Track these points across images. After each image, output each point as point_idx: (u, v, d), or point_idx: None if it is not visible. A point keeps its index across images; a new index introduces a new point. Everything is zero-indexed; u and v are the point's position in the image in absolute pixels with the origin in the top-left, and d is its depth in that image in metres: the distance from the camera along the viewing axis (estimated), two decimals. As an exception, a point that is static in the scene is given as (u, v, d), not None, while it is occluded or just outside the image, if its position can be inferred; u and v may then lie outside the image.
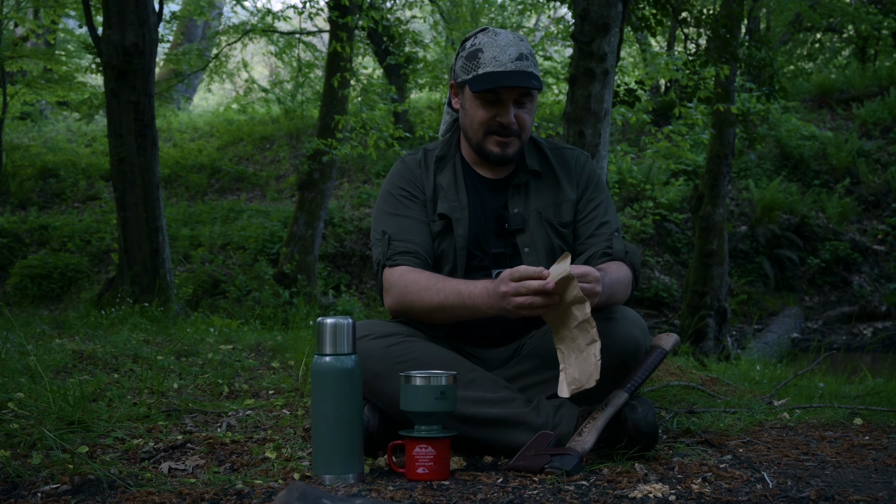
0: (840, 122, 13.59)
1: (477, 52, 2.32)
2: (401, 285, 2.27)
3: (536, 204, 2.41)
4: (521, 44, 2.33)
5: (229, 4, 15.14)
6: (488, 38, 2.33)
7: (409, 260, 2.30)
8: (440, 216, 2.38)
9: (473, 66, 2.32)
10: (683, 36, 7.26)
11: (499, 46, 2.31)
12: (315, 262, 10.31)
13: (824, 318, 10.50)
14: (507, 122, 2.33)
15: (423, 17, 14.23)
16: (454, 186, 2.42)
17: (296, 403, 2.81)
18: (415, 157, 2.48)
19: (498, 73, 2.28)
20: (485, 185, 2.45)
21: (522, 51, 2.31)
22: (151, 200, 6.62)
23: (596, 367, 2.03)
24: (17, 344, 3.43)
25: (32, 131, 15.83)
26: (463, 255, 2.36)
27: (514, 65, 2.29)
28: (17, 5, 12.29)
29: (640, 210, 11.65)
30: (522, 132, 2.37)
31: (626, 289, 2.30)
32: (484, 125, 2.35)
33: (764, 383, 3.63)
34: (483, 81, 2.29)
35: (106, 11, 6.59)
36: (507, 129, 2.34)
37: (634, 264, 2.35)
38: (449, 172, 2.44)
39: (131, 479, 1.93)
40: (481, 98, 2.33)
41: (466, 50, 2.36)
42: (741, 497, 1.79)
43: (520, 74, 2.29)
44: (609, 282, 2.18)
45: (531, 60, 2.33)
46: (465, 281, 2.22)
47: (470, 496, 1.83)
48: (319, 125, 10.17)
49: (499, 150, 2.36)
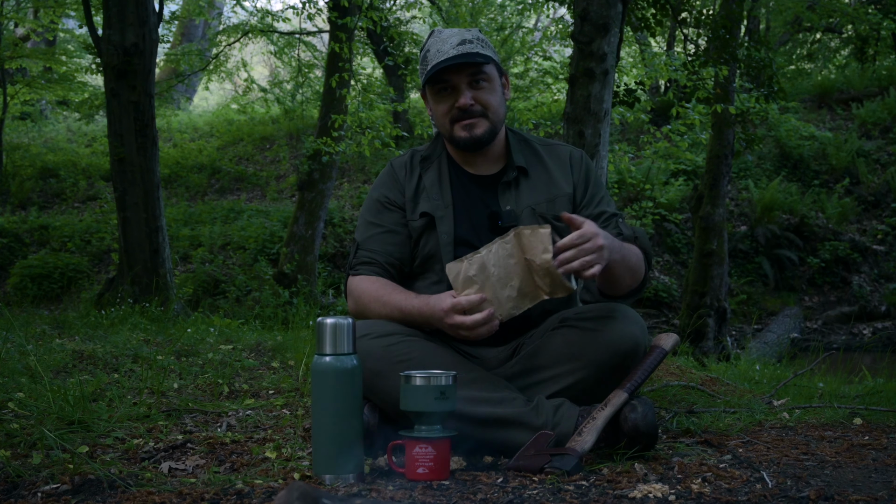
0: (840, 122, 13.59)
1: (426, 54, 2.39)
2: (356, 293, 2.39)
3: (529, 200, 2.42)
4: (467, 32, 2.39)
5: (229, 4, 15.15)
6: (433, 38, 2.41)
7: (369, 270, 2.40)
8: (422, 215, 2.42)
9: (424, 67, 2.39)
10: (683, 36, 7.26)
11: (441, 40, 2.37)
12: (315, 262, 10.32)
13: (824, 318, 10.50)
14: (464, 104, 2.35)
15: (423, 18, 14.22)
16: (438, 185, 2.45)
17: (296, 403, 2.82)
18: (401, 160, 2.54)
19: (440, 62, 2.34)
20: (473, 183, 2.46)
21: (465, 37, 2.37)
22: (151, 200, 6.62)
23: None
24: (17, 344, 3.43)
25: (32, 131, 15.82)
26: (448, 251, 2.38)
27: (455, 50, 2.34)
28: (17, 5, 12.29)
29: (639, 210, 11.65)
30: (488, 111, 2.38)
31: (639, 261, 2.30)
32: (446, 115, 2.39)
33: (764, 383, 3.63)
34: (429, 73, 2.35)
35: (106, 11, 6.59)
36: (469, 112, 2.36)
37: (645, 246, 2.35)
38: (434, 172, 2.47)
39: (131, 479, 1.93)
40: (435, 90, 2.38)
41: (421, 55, 2.43)
42: (741, 497, 1.79)
43: (460, 56, 2.33)
44: (619, 244, 2.20)
45: (476, 43, 2.36)
46: (408, 297, 2.29)
47: (470, 496, 1.83)
48: (319, 125, 10.18)
49: (466, 133, 2.38)
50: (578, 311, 2.31)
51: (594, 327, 2.24)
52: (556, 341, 2.26)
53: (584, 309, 2.32)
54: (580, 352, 2.23)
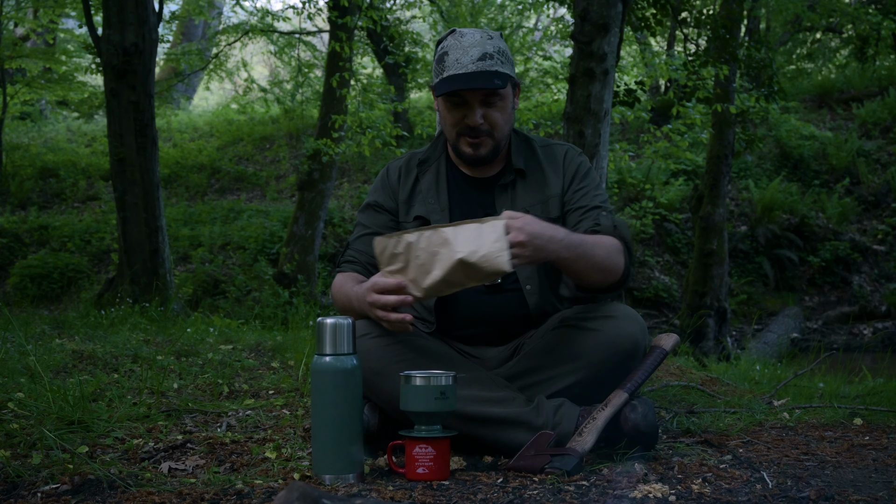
0: (840, 122, 13.59)
1: (443, 56, 2.33)
2: (333, 289, 2.45)
3: (524, 202, 2.41)
4: (488, 43, 2.31)
5: (229, 4, 15.15)
6: (454, 41, 2.33)
7: (350, 268, 2.44)
8: (416, 218, 2.43)
9: (440, 70, 2.34)
10: (683, 36, 7.26)
11: (462, 48, 2.30)
12: (315, 262, 10.31)
13: (824, 318, 10.50)
14: (474, 124, 2.33)
15: (423, 17, 14.23)
16: (435, 188, 2.45)
17: (296, 403, 2.82)
18: (397, 163, 2.54)
19: (458, 75, 2.28)
20: (471, 185, 2.46)
21: (487, 49, 2.30)
22: (151, 200, 6.62)
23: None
24: (17, 344, 3.43)
25: (32, 131, 15.82)
26: None
27: (475, 66, 2.28)
28: (17, 5, 12.29)
29: (639, 210, 11.65)
30: (494, 131, 2.36)
31: (609, 255, 2.24)
32: (454, 127, 2.37)
33: (764, 383, 3.63)
34: (444, 85, 2.30)
35: (106, 11, 6.59)
36: (476, 130, 2.34)
37: (625, 237, 2.31)
38: (432, 175, 2.47)
39: (131, 479, 1.93)
40: (447, 101, 2.34)
41: (437, 53, 2.38)
42: (741, 497, 1.79)
43: (480, 75, 2.28)
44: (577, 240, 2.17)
45: (496, 59, 2.31)
46: (357, 285, 2.30)
47: (470, 496, 1.83)
48: (319, 125, 10.18)
49: (471, 150, 2.37)
50: (579, 311, 2.31)
51: (594, 327, 2.23)
52: (557, 341, 2.26)
53: (584, 309, 2.32)
54: (580, 352, 2.23)
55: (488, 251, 2.02)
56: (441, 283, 2.09)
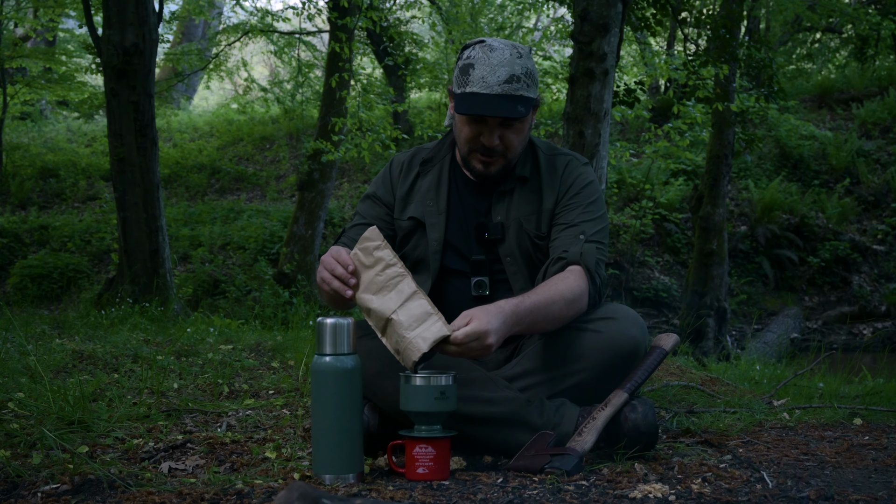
0: (840, 122, 13.59)
1: (468, 68, 2.26)
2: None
3: (518, 212, 2.38)
4: (517, 63, 2.24)
5: (229, 4, 15.15)
6: (483, 54, 2.25)
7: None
8: (410, 218, 2.42)
9: (463, 82, 2.27)
10: (683, 36, 7.26)
11: (490, 65, 2.23)
12: (315, 262, 10.31)
13: (824, 318, 10.50)
14: (490, 145, 2.29)
15: (423, 18, 14.22)
16: (435, 190, 2.43)
17: (296, 403, 2.82)
18: (401, 157, 2.52)
19: (482, 95, 2.22)
20: (470, 189, 2.44)
21: (515, 71, 2.23)
22: (151, 200, 6.62)
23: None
24: (17, 344, 3.43)
25: (32, 131, 15.83)
26: (437, 258, 2.38)
27: (500, 88, 2.22)
28: (17, 5, 12.29)
29: (639, 210, 11.65)
30: (508, 152, 2.32)
31: (570, 301, 2.18)
32: (468, 142, 2.33)
33: (764, 383, 3.63)
34: (466, 103, 2.24)
35: (106, 11, 6.59)
36: (491, 151, 2.31)
37: (588, 266, 2.25)
38: (433, 176, 2.45)
39: (131, 479, 1.93)
40: (466, 116, 2.30)
41: (462, 61, 2.30)
42: (741, 497, 1.79)
43: (505, 100, 2.22)
44: (527, 309, 2.10)
45: (523, 82, 2.24)
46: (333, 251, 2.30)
47: (470, 496, 1.83)
48: (319, 125, 10.18)
49: (482, 167, 2.34)
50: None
51: (594, 328, 2.23)
52: (557, 342, 2.26)
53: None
54: (580, 352, 2.23)
55: (412, 338, 1.98)
56: (368, 310, 2.08)
